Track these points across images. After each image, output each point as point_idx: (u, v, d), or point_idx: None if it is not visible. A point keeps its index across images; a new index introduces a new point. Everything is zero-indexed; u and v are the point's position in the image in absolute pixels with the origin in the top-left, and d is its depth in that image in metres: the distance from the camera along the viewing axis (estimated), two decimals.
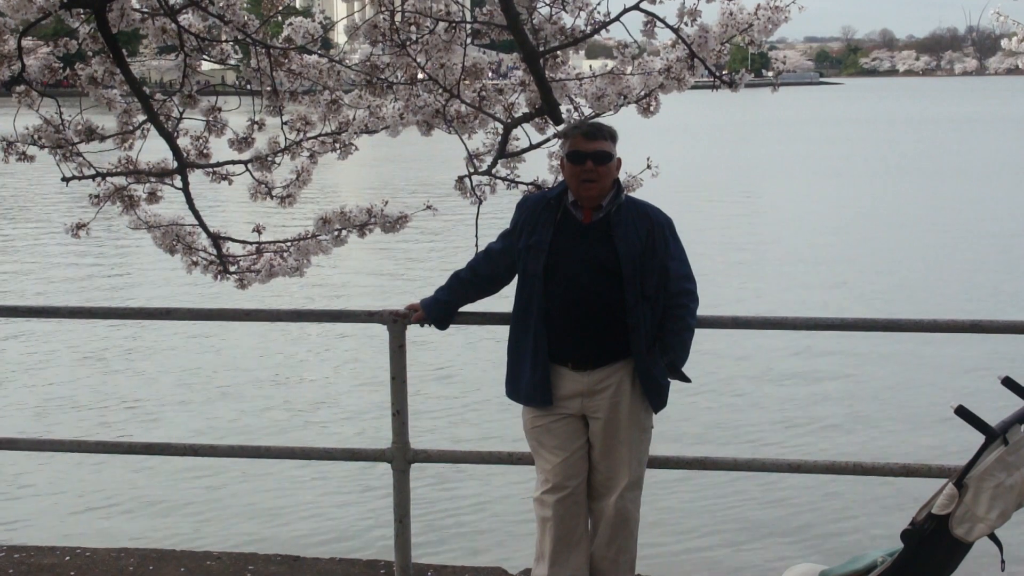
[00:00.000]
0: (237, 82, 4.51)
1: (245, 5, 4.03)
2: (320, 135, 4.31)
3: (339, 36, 4.49)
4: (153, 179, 4.37)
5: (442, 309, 4.50)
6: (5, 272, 17.01)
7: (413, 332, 4.66)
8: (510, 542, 6.80)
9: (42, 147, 4.28)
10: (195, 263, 4.47)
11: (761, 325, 5.08)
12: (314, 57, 4.13)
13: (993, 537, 3.54)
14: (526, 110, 4.25)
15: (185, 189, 4.34)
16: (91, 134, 4.27)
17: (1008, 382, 3.69)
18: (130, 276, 16.48)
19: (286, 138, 4.31)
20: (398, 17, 4.00)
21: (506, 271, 4.42)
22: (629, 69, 4.05)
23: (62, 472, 8.08)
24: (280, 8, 4.09)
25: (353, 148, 4.34)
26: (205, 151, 4.35)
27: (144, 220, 4.41)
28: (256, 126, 4.40)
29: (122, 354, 11.76)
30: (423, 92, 4.13)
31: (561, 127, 4.20)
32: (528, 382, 4.27)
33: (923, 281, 15.66)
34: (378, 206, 4.41)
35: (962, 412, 3.46)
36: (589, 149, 4.15)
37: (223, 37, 4.18)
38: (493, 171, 4.36)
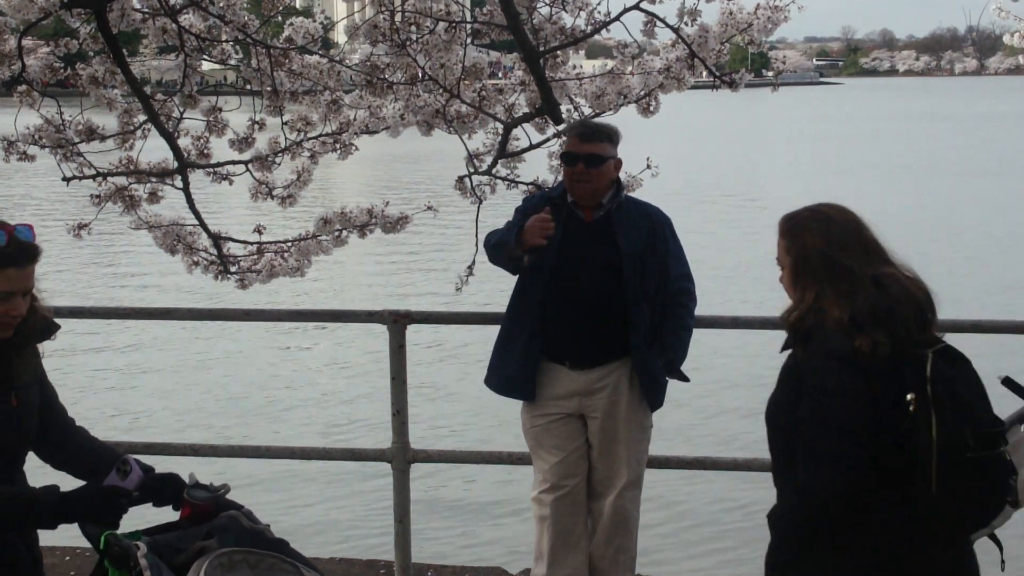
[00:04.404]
0: (237, 82, 4.52)
1: (245, 5, 4.03)
2: (320, 135, 4.32)
3: (339, 36, 4.48)
4: (154, 179, 4.37)
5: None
6: None
7: (413, 332, 4.65)
8: (510, 542, 6.79)
9: (43, 147, 4.28)
10: (196, 263, 4.48)
11: (761, 325, 5.07)
12: (314, 57, 4.13)
13: (993, 537, 3.54)
14: (526, 110, 4.26)
15: (186, 189, 4.34)
16: (92, 134, 4.27)
17: (1008, 382, 3.67)
18: (130, 276, 16.47)
19: (286, 138, 4.31)
20: (398, 17, 4.00)
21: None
22: (629, 69, 4.05)
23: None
24: (280, 8, 4.08)
25: (353, 148, 4.35)
26: (206, 151, 4.35)
27: (145, 220, 4.41)
28: (256, 126, 4.39)
29: (122, 354, 11.76)
30: (423, 92, 4.13)
31: (562, 127, 4.20)
32: (514, 374, 4.27)
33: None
34: (378, 206, 4.41)
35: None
36: (582, 152, 4.15)
37: (223, 37, 4.18)
38: (493, 171, 4.37)
